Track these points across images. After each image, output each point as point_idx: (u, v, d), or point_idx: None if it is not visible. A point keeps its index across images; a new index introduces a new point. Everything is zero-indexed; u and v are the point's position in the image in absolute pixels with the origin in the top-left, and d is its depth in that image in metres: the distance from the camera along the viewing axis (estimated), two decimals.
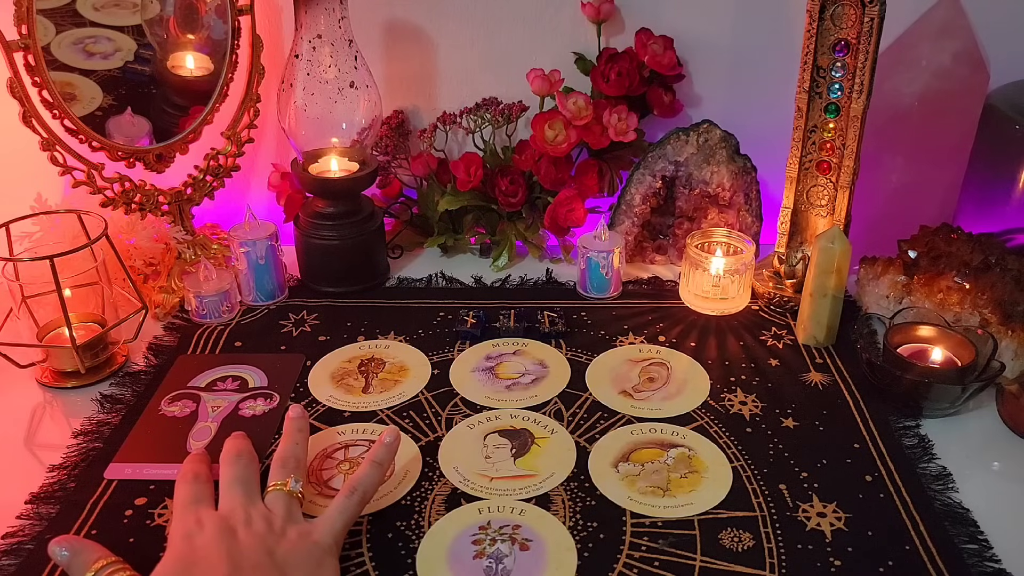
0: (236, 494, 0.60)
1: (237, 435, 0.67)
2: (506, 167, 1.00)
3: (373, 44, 1.02)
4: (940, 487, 0.68)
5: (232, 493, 0.60)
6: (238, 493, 0.60)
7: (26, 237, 0.81)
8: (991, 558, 0.61)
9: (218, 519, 0.57)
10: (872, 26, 0.79)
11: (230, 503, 0.59)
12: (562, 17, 1.01)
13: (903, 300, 0.86)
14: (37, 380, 0.80)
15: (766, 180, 1.00)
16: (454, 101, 1.05)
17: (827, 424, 0.75)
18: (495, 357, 0.84)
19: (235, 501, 0.60)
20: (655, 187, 0.98)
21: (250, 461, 0.64)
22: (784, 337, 0.87)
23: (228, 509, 0.59)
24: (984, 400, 0.77)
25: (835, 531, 0.63)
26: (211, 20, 0.91)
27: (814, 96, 0.86)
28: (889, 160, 1.00)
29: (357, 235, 0.93)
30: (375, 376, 0.81)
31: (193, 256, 0.94)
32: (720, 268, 0.89)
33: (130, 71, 0.87)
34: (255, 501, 0.60)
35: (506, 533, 0.62)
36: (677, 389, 0.79)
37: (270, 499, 0.61)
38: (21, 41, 0.77)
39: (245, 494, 0.60)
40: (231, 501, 0.60)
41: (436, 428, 0.74)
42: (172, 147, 0.91)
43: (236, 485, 0.61)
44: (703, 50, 1.02)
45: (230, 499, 0.60)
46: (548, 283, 0.98)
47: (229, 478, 0.62)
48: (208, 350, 0.85)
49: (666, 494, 0.66)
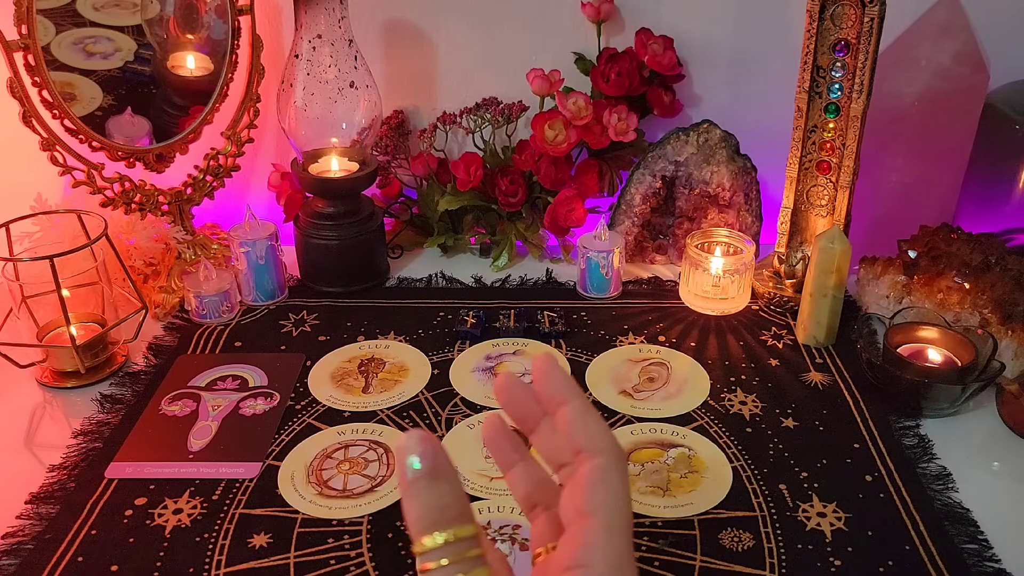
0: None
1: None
2: (506, 167, 1.00)
3: (373, 44, 1.02)
4: (940, 487, 0.68)
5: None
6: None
7: (26, 237, 0.81)
8: (991, 558, 0.61)
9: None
10: (872, 26, 0.79)
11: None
12: (562, 17, 1.01)
13: (903, 300, 0.86)
14: (37, 380, 0.80)
15: (766, 180, 1.00)
16: (454, 101, 1.05)
17: (827, 424, 0.75)
18: (495, 357, 0.84)
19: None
20: (655, 187, 0.98)
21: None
22: (784, 337, 0.87)
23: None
24: (984, 400, 0.77)
25: (835, 531, 0.63)
26: (211, 20, 0.91)
27: (814, 96, 0.86)
28: (889, 160, 1.00)
29: (357, 235, 0.93)
30: (375, 376, 0.81)
31: (193, 256, 0.94)
32: (720, 268, 0.89)
33: (130, 71, 0.87)
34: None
35: (506, 533, 0.62)
36: (677, 389, 0.79)
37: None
38: (21, 41, 0.77)
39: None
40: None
41: (436, 428, 0.74)
42: (172, 147, 0.91)
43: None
44: (703, 50, 1.02)
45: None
46: (548, 283, 0.98)
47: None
48: (208, 350, 0.85)
49: (666, 494, 0.66)
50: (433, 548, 0.33)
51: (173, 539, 0.62)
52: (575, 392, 0.36)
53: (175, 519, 0.64)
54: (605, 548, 0.34)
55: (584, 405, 0.36)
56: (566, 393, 0.36)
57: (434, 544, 0.33)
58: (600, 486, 0.34)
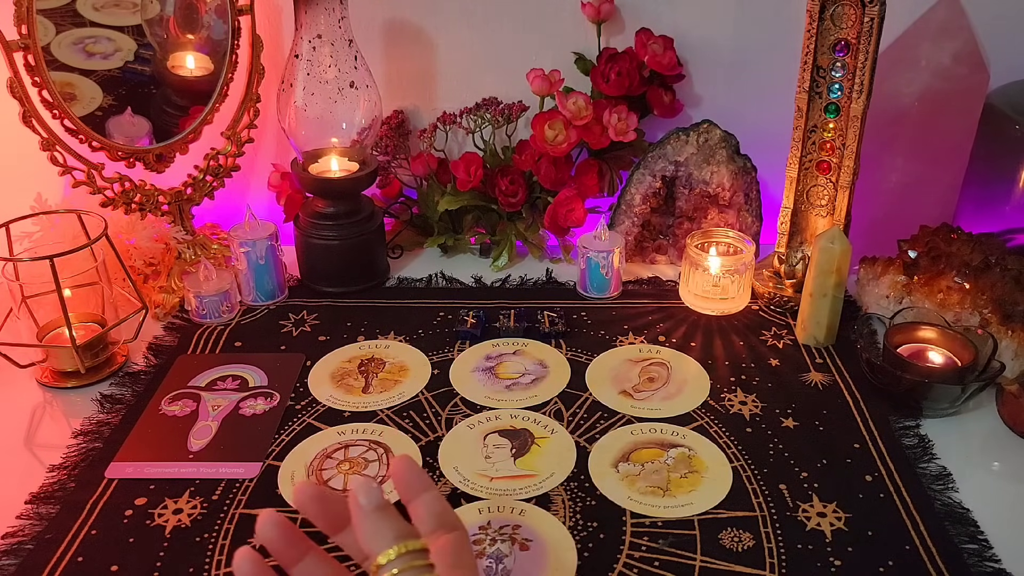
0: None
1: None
2: (506, 167, 1.00)
3: (373, 44, 1.02)
4: (940, 487, 0.68)
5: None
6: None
7: (26, 237, 0.81)
8: (991, 558, 0.61)
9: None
10: (872, 26, 0.79)
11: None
12: (562, 17, 1.01)
13: (903, 300, 0.86)
14: (37, 380, 0.80)
15: (766, 180, 1.00)
16: (454, 101, 1.05)
17: (827, 424, 0.75)
18: (495, 357, 0.84)
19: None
20: (655, 187, 0.98)
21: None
22: (784, 337, 0.87)
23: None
24: (984, 400, 0.77)
25: (835, 531, 0.63)
26: (211, 20, 0.91)
27: (814, 96, 0.86)
28: (889, 160, 1.00)
29: (357, 235, 0.93)
30: (375, 376, 0.81)
31: (193, 256, 0.94)
32: (720, 268, 0.89)
33: (130, 71, 0.87)
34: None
35: (506, 533, 0.62)
36: (677, 389, 0.79)
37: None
38: (21, 41, 0.77)
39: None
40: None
41: (436, 428, 0.74)
42: (172, 147, 0.91)
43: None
44: (703, 50, 1.02)
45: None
46: (548, 283, 0.98)
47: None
48: (208, 350, 0.85)
49: (666, 494, 0.66)
50: (386, 563, 0.39)
51: (173, 539, 0.62)
52: (431, 484, 0.43)
53: (175, 519, 0.64)
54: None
55: (439, 494, 0.43)
56: (424, 485, 0.42)
57: (387, 559, 0.39)
58: (463, 548, 0.41)
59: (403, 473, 0.43)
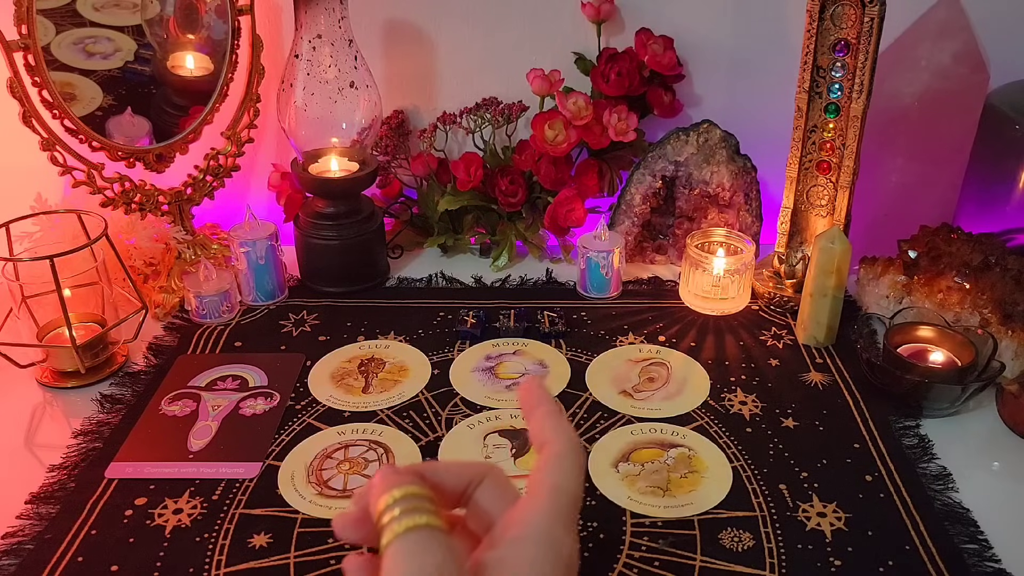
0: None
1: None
2: (506, 167, 1.00)
3: (373, 44, 1.02)
4: (940, 487, 0.68)
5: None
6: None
7: (26, 237, 0.81)
8: (991, 558, 0.61)
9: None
10: (872, 26, 0.79)
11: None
12: (562, 17, 1.01)
13: (903, 300, 0.86)
14: (37, 380, 0.80)
15: (766, 180, 1.00)
16: (454, 101, 1.05)
17: (827, 424, 0.75)
18: (495, 357, 0.84)
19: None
20: (655, 187, 0.98)
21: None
22: (784, 337, 0.87)
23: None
24: (984, 400, 0.77)
25: (835, 531, 0.63)
26: (211, 20, 0.91)
27: (814, 96, 0.86)
28: (889, 160, 1.00)
29: (357, 235, 0.93)
30: (375, 376, 0.81)
31: (193, 256, 0.94)
32: (720, 268, 0.89)
33: (130, 71, 0.87)
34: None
35: None
36: (677, 389, 0.79)
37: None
38: (21, 41, 0.77)
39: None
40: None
41: (436, 428, 0.74)
42: (172, 147, 0.91)
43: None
44: (703, 50, 1.02)
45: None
46: (548, 283, 0.98)
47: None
48: (208, 350, 0.85)
49: (666, 494, 0.66)
50: (388, 505, 0.35)
51: (173, 539, 0.62)
52: (550, 399, 0.42)
53: (175, 519, 0.64)
54: (550, 510, 0.37)
55: (554, 410, 0.41)
56: (543, 399, 0.42)
57: (391, 500, 0.35)
58: (563, 461, 0.39)
59: (526, 391, 0.43)
